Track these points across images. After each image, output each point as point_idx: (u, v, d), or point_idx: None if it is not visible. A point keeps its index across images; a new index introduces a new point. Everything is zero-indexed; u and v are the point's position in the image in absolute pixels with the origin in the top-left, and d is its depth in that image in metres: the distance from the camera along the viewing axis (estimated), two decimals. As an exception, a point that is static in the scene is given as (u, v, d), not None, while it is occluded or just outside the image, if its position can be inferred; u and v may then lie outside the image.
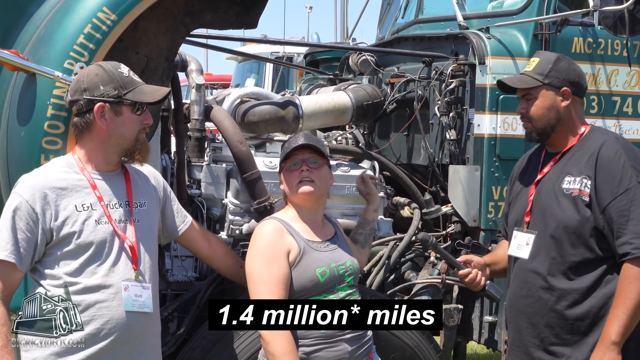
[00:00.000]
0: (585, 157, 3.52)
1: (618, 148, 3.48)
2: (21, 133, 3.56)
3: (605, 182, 3.43)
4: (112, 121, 3.24)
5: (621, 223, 3.38)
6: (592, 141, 3.57)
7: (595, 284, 3.47)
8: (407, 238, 4.71)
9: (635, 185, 3.39)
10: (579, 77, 3.66)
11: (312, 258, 3.48)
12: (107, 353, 3.18)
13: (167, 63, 3.99)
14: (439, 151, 5.04)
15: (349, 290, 3.54)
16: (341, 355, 3.46)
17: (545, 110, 3.60)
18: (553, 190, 3.57)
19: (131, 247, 3.26)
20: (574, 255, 3.48)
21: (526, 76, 3.66)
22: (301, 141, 3.55)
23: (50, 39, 3.62)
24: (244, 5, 4.19)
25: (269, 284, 3.37)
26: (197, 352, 3.90)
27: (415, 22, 6.00)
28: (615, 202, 3.39)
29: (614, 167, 3.43)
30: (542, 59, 3.67)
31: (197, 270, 4.41)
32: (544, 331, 3.54)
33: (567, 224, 3.49)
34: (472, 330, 4.95)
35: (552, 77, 3.59)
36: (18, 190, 3.18)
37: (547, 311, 3.53)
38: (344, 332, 3.47)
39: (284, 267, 3.41)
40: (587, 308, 3.46)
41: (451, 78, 4.87)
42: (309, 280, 3.44)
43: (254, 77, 15.79)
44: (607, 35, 4.86)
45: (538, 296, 3.55)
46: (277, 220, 3.55)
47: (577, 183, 3.49)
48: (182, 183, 4.35)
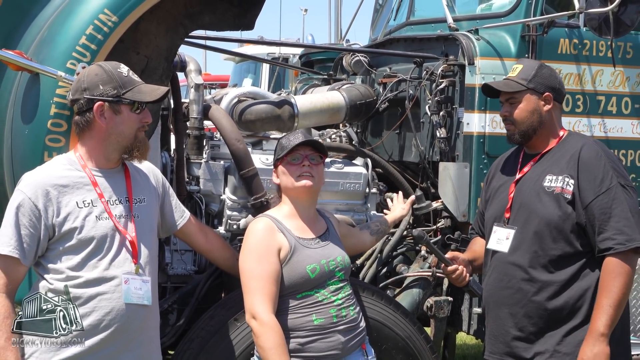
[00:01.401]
0: (565, 157, 3.61)
1: (598, 150, 3.58)
2: (25, 131, 3.53)
3: (588, 181, 3.51)
4: (112, 120, 3.22)
5: (603, 220, 3.46)
6: (571, 143, 3.66)
7: (574, 277, 3.53)
8: (398, 233, 4.71)
9: (615, 184, 3.49)
10: (559, 84, 3.77)
11: (303, 255, 3.48)
12: (107, 344, 3.16)
13: (166, 63, 3.97)
14: (429, 149, 5.03)
15: (339, 285, 3.56)
16: (335, 346, 3.47)
17: (529, 113, 3.67)
18: (534, 188, 3.63)
19: (131, 242, 3.25)
20: (555, 249, 3.54)
21: (511, 81, 3.73)
22: (303, 138, 3.56)
23: (53, 40, 3.59)
24: (242, 8, 4.19)
25: (260, 280, 3.39)
26: (196, 342, 3.89)
27: (407, 24, 5.99)
28: (597, 200, 3.48)
29: (595, 167, 3.53)
30: (525, 65, 3.76)
31: (196, 263, 4.39)
32: (523, 321, 3.60)
33: (549, 220, 3.55)
34: (462, 322, 4.94)
35: (535, 82, 3.68)
36: (21, 188, 3.16)
37: (526, 302, 3.58)
38: (338, 324, 3.47)
39: (274, 263, 3.42)
40: (565, 299, 3.53)
41: (441, 78, 4.86)
42: (300, 276, 3.45)
43: (251, 77, 15.78)
44: (592, 36, 4.85)
45: (518, 287, 3.61)
46: (268, 218, 3.56)
47: (559, 181, 3.56)
48: (182, 180, 4.33)
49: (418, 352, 4.23)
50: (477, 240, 4.05)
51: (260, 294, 3.37)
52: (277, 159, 3.60)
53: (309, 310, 3.47)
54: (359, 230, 4.14)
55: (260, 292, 3.37)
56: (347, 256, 3.66)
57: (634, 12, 4.57)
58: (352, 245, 3.94)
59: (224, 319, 3.90)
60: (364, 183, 4.69)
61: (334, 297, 3.52)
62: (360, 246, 4.14)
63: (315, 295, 3.49)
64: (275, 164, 3.62)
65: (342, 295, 3.55)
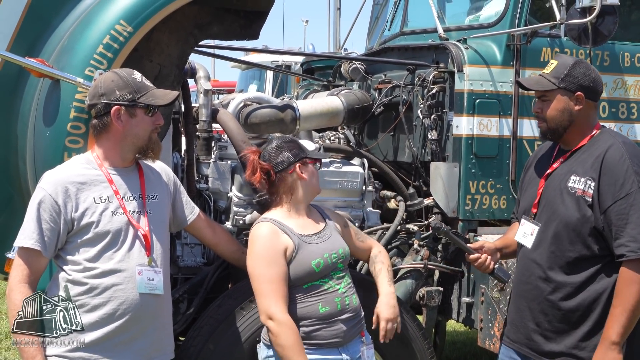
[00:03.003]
0: (591, 158, 3.39)
1: (623, 152, 3.33)
2: (47, 133, 3.54)
3: (608, 185, 3.29)
4: (128, 122, 3.23)
5: (620, 226, 3.25)
6: (600, 143, 3.42)
7: (589, 280, 3.35)
8: (393, 227, 4.70)
9: (636, 190, 3.25)
10: (593, 82, 3.48)
11: (307, 251, 3.45)
12: (122, 331, 3.17)
13: (177, 70, 3.98)
14: (421, 149, 5.03)
15: (341, 274, 3.54)
16: (337, 334, 3.45)
17: (559, 112, 3.45)
18: (559, 187, 3.44)
19: (144, 236, 3.25)
20: (572, 251, 3.37)
21: (544, 79, 3.50)
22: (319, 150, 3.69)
23: (72, 49, 3.60)
24: (248, 19, 4.19)
25: (272, 283, 3.34)
26: (205, 329, 3.89)
27: (401, 34, 5.99)
28: (615, 205, 3.26)
29: (617, 171, 3.29)
30: (559, 62, 3.51)
31: (205, 256, 4.39)
32: (539, 316, 3.47)
33: (567, 221, 3.37)
34: (452, 310, 4.94)
35: (567, 81, 3.44)
36: (42, 185, 3.17)
37: (542, 299, 3.45)
38: (342, 312, 3.47)
39: (282, 265, 3.38)
40: (579, 301, 3.36)
41: (432, 84, 4.85)
42: (306, 271, 3.43)
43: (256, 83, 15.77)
44: (572, 45, 4.84)
45: (535, 284, 3.47)
46: (270, 222, 3.48)
47: (582, 183, 3.36)
48: (192, 178, 4.33)
49: (411, 338, 4.23)
50: (515, 226, 3.80)
51: (274, 296, 3.32)
52: (307, 157, 3.59)
53: (316, 299, 3.43)
54: (361, 244, 3.90)
55: (274, 294, 3.32)
56: (347, 247, 3.63)
57: (611, 23, 4.56)
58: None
59: (231, 308, 3.91)
60: (361, 181, 4.69)
61: (338, 285, 3.49)
62: (353, 251, 3.89)
63: (321, 284, 3.46)
64: (304, 160, 3.58)
65: (344, 284, 3.52)
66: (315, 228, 3.58)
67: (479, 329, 4.68)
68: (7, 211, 3.87)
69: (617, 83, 5.09)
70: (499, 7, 5.07)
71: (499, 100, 4.79)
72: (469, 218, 4.79)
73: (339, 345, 3.47)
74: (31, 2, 3.73)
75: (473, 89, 4.75)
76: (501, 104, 4.79)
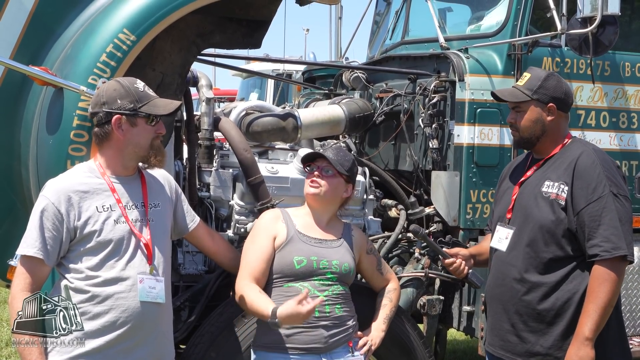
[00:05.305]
0: (564, 164, 3.51)
1: (595, 158, 3.46)
2: (50, 141, 3.54)
3: (581, 189, 3.41)
4: (129, 131, 3.22)
5: (592, 227, 3.36)
6: (572, 150, 3.55)
7: (563, 280, 3.45)
8: (394, 236, 4.70)
9: (607, 193, 3.38)
10: (564, 94, 3.61)
11: (295, 247, 3.51)
12: (124, 339, 3.15)
13: (180, 79, 3.98)
14: (422, 158, 5.03)
15: (327, 282, 3.51)
16: (318, 340, 3.45)
17: (532, 123, 3.57)
18: (533, 192, 3.55)
19: (146, 245, 3.24)
20: (546, 252, 3.46)
21: (517, 90, 3.62)
22: (319, 151, 3.67)
23: (76, 57, 3.60)
24: (249, 28, 4.20)
25: (254, 252, 3.51)
26: (206, 337, 3.88)
27: (402, 43, 6.00)
28: (588, 208, 3.38)
29: (590, 175, 3.42)
30: (532, 75, 3.63)
31: (206, 264, 4.37)
32: (514, 317, 3.54)
33: (542, 224, 3.47)
34: (452, 319, 4.94)
35: (540, 93, 3.56)
36: (45, 193, 3.16)
37: (517, 300, 3.53)
38: (320, 319, 3.46)
39: (266, 246, 3.52)
40: (552, 301, 3.45)
41: (434, 93, 4.86)
42: (287, 265, 3.48)
43: (257, 92, 15.78)
44: (573, 55, 4.85)
45: (510, 286, 3.55)
46: (280, 210, 3.67)
47: (555, 188, 3.47)
48: (193, 186, 4.32)
49: (412, 347, 4.22)
50: (488, 236, 3.93)
51: (246, 268, 3.49)
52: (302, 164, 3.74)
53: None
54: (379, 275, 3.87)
55: (247, 266, 3.49)
56: (349, 266, 3.59)
57: (612, 34, 4.57)
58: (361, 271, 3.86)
59: (232, 316, 3.89)
60: (362, 190, 4.68)
61: (319, 292, 3.47)
62: (369, 279, 3.90)
63: (299, 287, 3.44)
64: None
65: (328, 292, 3.50)
66: (322, 235, 3.59)
67: (479, 338, 4.67)
68: (9, 219, 3.87)
69: (618, 93, 5.10)
70: (500, 17, 5.08)
71: (499, 109, 4.79)
72: (469, 227, 4.79)
73: (320, 351, 3.46)
74: (35, 10, 3.73)
75: (474, 98, 4.75)
76: (502, 113, 4.78)
